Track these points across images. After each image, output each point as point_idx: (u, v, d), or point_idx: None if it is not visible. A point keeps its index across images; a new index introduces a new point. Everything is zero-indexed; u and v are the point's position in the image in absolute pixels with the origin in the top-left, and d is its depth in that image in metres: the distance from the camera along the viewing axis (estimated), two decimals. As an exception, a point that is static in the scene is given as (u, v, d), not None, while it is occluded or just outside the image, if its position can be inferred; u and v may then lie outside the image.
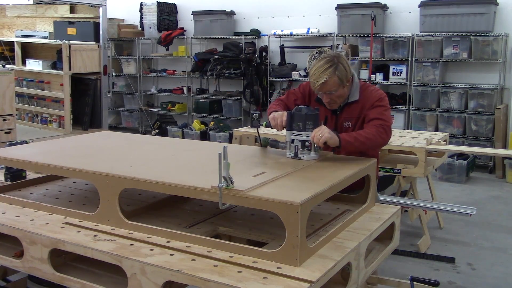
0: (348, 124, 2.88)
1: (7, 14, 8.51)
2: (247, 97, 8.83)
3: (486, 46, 6.97)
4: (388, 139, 2.79)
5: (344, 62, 2.76)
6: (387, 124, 2.76)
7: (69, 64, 7.04)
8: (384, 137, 2.74)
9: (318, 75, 2.71)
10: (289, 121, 2.62)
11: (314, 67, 2.75)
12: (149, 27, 9.83)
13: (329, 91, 2.75)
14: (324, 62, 2.73)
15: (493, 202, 5.81)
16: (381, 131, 2.72)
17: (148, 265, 1.88)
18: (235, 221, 2.37)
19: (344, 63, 2.76)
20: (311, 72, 2.76)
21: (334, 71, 2.71)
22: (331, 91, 2.76)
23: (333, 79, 2.71)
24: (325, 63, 2.72)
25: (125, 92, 10.18)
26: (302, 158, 2.58)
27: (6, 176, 2.95)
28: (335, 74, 2.71)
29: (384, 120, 2.76)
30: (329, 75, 2.70)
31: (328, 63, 2.72)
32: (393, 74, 7.62)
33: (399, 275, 3.64)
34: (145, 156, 2.67)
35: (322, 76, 2.70)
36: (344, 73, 2.75)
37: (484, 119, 7.05)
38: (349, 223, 2.31)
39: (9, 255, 2.30)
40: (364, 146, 2.70)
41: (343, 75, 2.74)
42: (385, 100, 2.86)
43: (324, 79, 2.70)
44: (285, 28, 8.58)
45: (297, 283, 1.74)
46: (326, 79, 2.70)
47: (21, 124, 7.62)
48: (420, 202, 4.38)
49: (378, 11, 7.66)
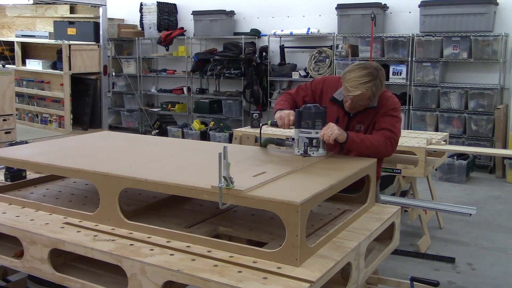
0: (360, 127, 2.87)
1: (7, 14, 8.51)
2: (247, 97, 8.84)
3: (486, 46, 6.97)
4: (392, 152, 2.81)
5: (382, 77, 2.73)
6: (395, 138, 2.77)
7: (69, 64, 7.04)
8: (389, 150, 2.76)
9: (356, 85, 2.66)
10: (298, 119, 2.62)
11: (353, 74, 2.69)
12: (149, 27, 9.83)
13: (359, 101, 2.74)
14: (365, 74, 2.67)
15: (493, 202, 5.81)
16: (388, 143, 2.73)
17: (148, 265, 1.88)
18: (235, 221, 2.37)
19: (382, 79, 2.73)
20: (348, 78, 2.70)
21: (372, 86, 2.67)
22: (360, 101, 2.74)
23: (368, 93, 2.69)
24: (366, 75, 2.66)
25: (125, 92, 10.18)
26: (312, 155, 2.59)
27: (6, 176, 2.95)
28: (372, 89, 2.68)
29: (394, 133, 2.76)
30: (366, 89, 2.66)
31: (369, 76, 2.66)
32: (393, 74, 7.62)
33: (399, 275, 3.64)
34: (145, 156, 2.67)
35: (360, 87, 2.66)
36: (379, 89, 2.72)
37: (484, 119, 7.05)
38: (349, 223, 2.31)
39: (9, 255, 2.30)
40: (367, 151, 2.71)
41: (378, 91, 2.72)
42: (399, 110, 2.86)
43: (360, 92, 2.66)
44: (285, 28, 8.58)
45: (297, 283, 1.74)
46: (362, 92, 2.66)
47: (21, 124, 7.61)
48: (420, 202, 4.39)
49: (378, 11, 7.66)
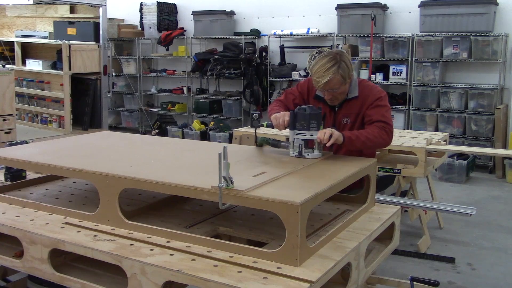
0: (347, 120, 2.89)
1: (7, 14, 8.52)
2: (247, 97, 8.84)
3: (486, 46, 6.97)
4: (390, 141, 2.84)
5: (346, 59, 2.76)
6: (389, 127, 2.80)
7: (69, 64, 7.04)
8: (385, 139, 2.79)
9: (322, 74, 2.70)
10: (292, 121, 2.62)
11: (317, 65, 2.74)
12: (149, 27, 9.82)
13: (332, 88, 2.76)
14: (327, 60, 2.71)
15: (493, 202, 5.81)
16: (383, 133, 2.76)
17: (148, 265, 1.88)
18: (235, 221, 2.37)
19: (346, 61, 2.76)
20: (314, 70, 2.74)
21: (338, 69, 2.70)
22: (334, 88, 2.76)
23: (337, 78, 2.71)
24: (328, 61, 2.71)
25: (125, 92, 10.18)
26: (307, 157, 2.58)
27: (6, 176, 2.95)
28: (339, 72, 2.71)
29: (386, 122, 2.79)
30: (333, 74, 2.69)
31: (332, 61, 2.71)
32: (393, 74, 7.62)
33: (399, 275, 3.64)
34: (145, 156, 2.67)
35: (326, 74, 2.69)
36: (346, 70, 2.75)
37: (484, 119, 7.05)
38: (349, 223, 2.31)
39: (9, 255, 2.30)
40: (365, 146, 2.75)
41: (346, 73, 2.74)
42: (385, 99, 2.88)
43: (327, 78, 2.70)
44: (285, 28, 8.58)
45: (297, 283, 1.74)
46: (330, 77, 2.69)
47: (21, 124, 7.61)
48: (420, 202, 4.38)
49: (378, 11, 7.66)
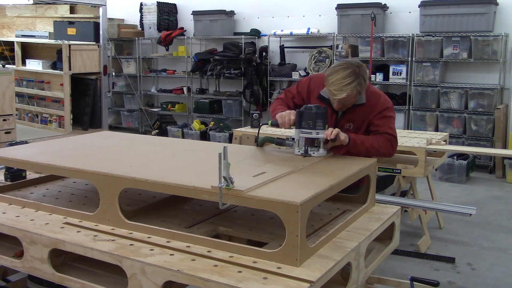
0: (350, 126, 2.85)
1: (7, 14, 8.51)
2: (247, 97, 8.84)
3: (486, 46, 6.97)
4: (393, 154, 2.84)
5: (364, 73, 2.70)
6: (395, 140, 2.80)
7: (69, 64, 7.04)
8: (390, 151, 2.79)
9: (340, 88, 2.63)
10: (298, 120, 2.61)
11: (335, 76, 2.64)
12: (149, 27, 9.83)
13: (346, 101, 2.73)
14: (347, 74, 2.62)
15: (493, 202, 5.81)
16: (388, 145, 2.77)
17: (148, 265, 1.88)
18: (235, 221, 2.36)
19: (365, 75, 2.70)
20: (331, 80, 2.65)
21: (356, 85, 2.64)
22: (347, 101, 2.74)
23: (353, 93, 2.67)
24: (349, 75, 2.62)
25: (125, 92, 10.18)
26: (313, 155, 2.59)
27: (6, 176, 2.94)
28: (356, 88, 2.65)
29: (393, 135, 2.79)
30: (351, 90, 2.63)
31: (352, 76, 2.62)
32: (393, 74, 7.63)
33: (399, 275, 3.64)
34: (145, 156, 2.67)
35: (344, 89, 2.62)
36: (363, 85, 2.70)
37: (484, 119, 7.05)
38: (349, 223, 2.31)
39: (9, 255, 2.30)
40: (367, 153, 2.73)
41: (362, 88, 2.70)
42: (392, 110, 2.86)
43: (345, 94, 2.64)
44: (285, 28, 8.58)
45: (297, 283, 1.74)
46: (348, 93, 2.64)
47: (21, 124, 7.61)
48: (420, 202, 4.38)
49: (378, 11, 7.66)
